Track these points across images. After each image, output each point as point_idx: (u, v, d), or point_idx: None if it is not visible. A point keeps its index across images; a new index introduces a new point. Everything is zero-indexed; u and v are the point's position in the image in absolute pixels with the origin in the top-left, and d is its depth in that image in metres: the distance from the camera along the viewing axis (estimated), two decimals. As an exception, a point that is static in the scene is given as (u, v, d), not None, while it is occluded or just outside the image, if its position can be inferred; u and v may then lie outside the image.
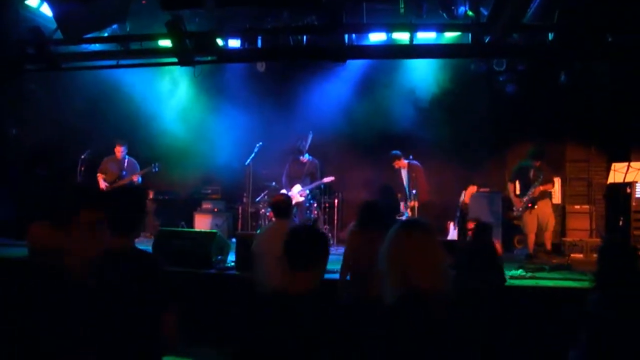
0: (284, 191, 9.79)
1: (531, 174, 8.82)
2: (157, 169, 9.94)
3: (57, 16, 7.04)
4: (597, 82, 9.39)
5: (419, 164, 9.38)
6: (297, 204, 9.48)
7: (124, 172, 9.72)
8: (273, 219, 9.50)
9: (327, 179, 9.77)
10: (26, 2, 8.49)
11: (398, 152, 9.50)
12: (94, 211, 3.03)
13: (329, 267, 2.71)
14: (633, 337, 2.90)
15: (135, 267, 2.71)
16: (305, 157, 9.89)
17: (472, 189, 9.12)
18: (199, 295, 6.59)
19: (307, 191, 9.79)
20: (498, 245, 6.88)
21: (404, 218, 8.83)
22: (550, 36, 7.18)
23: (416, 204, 9.03)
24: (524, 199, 8.80)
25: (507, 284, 5.83)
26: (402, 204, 9.27)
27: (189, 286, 6.57)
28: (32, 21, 8.29)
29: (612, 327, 2.96)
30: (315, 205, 9.96)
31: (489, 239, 5.63)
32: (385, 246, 2.37)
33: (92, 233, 3.05)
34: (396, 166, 9.48)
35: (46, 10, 8.19)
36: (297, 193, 9.66)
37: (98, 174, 9.84)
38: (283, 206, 5.52)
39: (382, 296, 2.34)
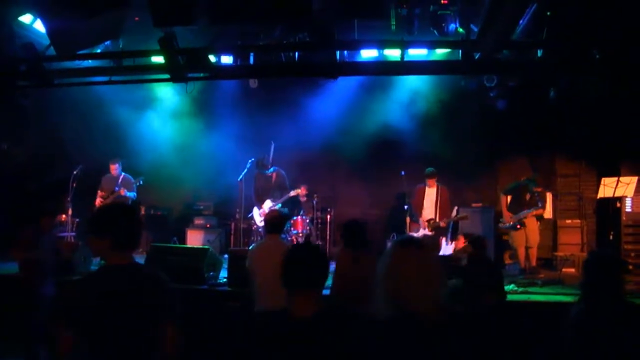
0: (255, 209, 9.75)
1: (527, 196, 8.85)
2: (141, 182, 10.00)
3: (50, 32, 7.06)
4: (586, 97, 9.49)
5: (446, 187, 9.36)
6: None
7: (116, 188, 9.72)
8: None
9: (293, 192, 9.50)
10: (20, 19, 8.51)
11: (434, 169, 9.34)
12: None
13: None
14: (611, 349, 2.93)
15: (135, 280, 2.73)
16: (270, 170, 9.71)
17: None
18: (191, 311, 6.54)
19: (279, 206, 9.58)
20: None
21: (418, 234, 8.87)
22: (539, 52, 7.28)
23: (444, 225, 9.06)
24: (514, 219, 8.82)
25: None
26: (419, 224, 9.24)
27: (181, 302, 6.54)
28: (25, 38, 8.30)
29: (591, 339, 2.98)
30: (307, 220, 9.91)
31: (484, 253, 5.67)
32: (380, 264, 2.38)
33: None
34: (430, 184, 9.29)
35: (39, 26, 8.21)
36: (268, 209, 9.54)
37: (98, 191, 9.91)
38: (276, 222, 5.55)
39: (376, 312, 2.34)
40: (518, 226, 8.72)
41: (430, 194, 9.26)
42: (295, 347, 2.37)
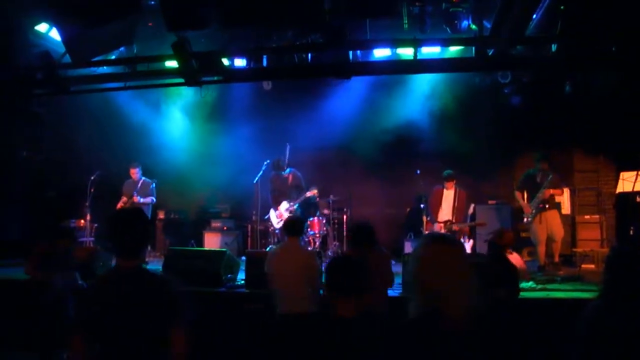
0: (272, 211, 9.76)
1: (539, 178, 8.76)
2: (154, 185, 10.04)
3: (65, 40, 7.14)
4: (603, 91, 9.38)
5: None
6: None
7: (134, 193, 9.79)
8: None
9: (309, 193, 9.47)
10: (36, 28, 8.64)
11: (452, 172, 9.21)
12: None
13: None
14: (630, 344, 2.89)
15: (142, 286, 2.75)
16: (287, 172, 9.71)
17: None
18: (210, 314, 6.59)
19: (296, 206, 9.59)
20: (518, 258, 6.80)
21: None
22: (554, 47, 7.21)
23: (457, 228, 8.96)
24: (534, 205, 8.71)
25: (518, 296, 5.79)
26: (434, 225, 9.12)
27: (199, 305, 6.58)
28: (41, 46, 8.42)
29: (609, 335, 2.95)
30: (324, 221, 9.90)
31: (500, 253, 5.61)
32: (412, 260, 2.38)
33: None
34: (448, 187, 9.15)
35: (55, 35, 8.32)
36: (284, 210, 9.55)
37: (122, 196, 9.94)
38: (295, 225, 5.56)
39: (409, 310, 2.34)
40: (540, 205, 8.58)
41: (448, 196, 9.17)
42: (335, 346, 2.65)
